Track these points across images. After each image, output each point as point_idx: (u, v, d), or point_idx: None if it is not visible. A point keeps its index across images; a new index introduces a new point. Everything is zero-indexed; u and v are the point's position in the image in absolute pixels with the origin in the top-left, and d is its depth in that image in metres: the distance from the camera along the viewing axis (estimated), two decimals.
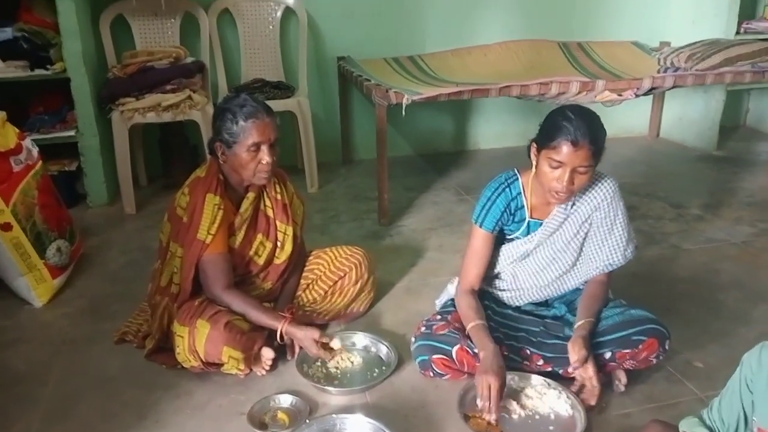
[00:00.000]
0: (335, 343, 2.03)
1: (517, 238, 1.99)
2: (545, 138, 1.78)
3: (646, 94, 3.42)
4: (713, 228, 3.15)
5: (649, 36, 4.45)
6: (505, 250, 2.02)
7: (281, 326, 1.99)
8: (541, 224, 1.95)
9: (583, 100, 3.31)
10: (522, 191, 1.94)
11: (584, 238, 1.95)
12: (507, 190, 1.94)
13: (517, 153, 1.82)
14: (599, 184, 1.91)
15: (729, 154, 4.36)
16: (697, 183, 3.87)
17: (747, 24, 4.26)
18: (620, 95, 3.31)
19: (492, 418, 1.70)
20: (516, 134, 4.47)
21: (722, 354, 2.10)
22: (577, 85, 3.21)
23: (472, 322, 1.87)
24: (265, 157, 1.97)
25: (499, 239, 2.02)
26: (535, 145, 1.84)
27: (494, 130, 4.52)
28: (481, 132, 4.53)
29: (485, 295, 2.06)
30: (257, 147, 1.96)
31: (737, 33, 4.16)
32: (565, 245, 1.95)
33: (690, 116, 4.50)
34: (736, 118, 5.03)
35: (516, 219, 1.96)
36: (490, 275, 2.06)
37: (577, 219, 1.92)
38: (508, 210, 1.94)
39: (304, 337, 1.98)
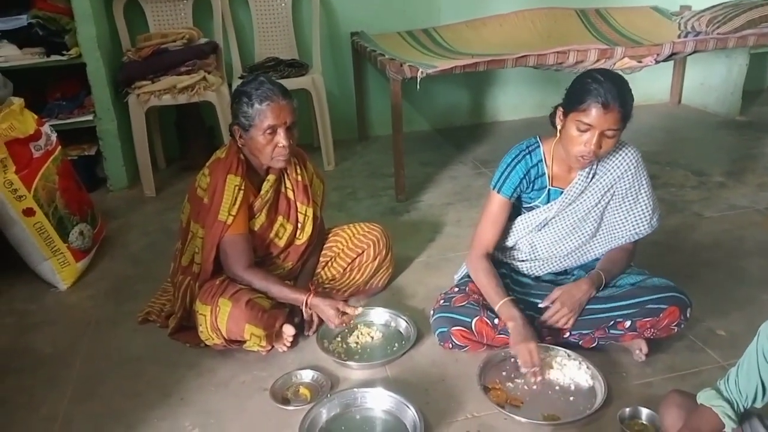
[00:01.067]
0: (359, 311, 2.05)
1: (537, 206, 1.97)
2: (574, 101, 1.75)
3: (666, 60, 3.34)
4: (736, 195, 3.10)
5: (668, 0, 4.34)
6: (524, 219, 2.00)
7: (306, 298, 2.01)
8: (561, 193, 1.93)
9: (602, 67, 3.25)
10: (543, 159, 1.92)
11: (605, 208, 1.93)
12: (528, 156, 1.92)
13: (535, 124, 1.81)
14: (621, 154, 1.88)
15: (753, 119, 4.27)
16: (719, 149, 3.80)
17: None
18: (640, 62, 3.25)
19: (539, 379, 1.79)
20: (534, 105, 4.41)
21: (745, 321, 2.07)
22: (596, 52, 3.16)
23: (500, 300, 1.86)
24: (281, 140, 1.96)
25: (515, 210, 2.00)
26: (561, 109, 1.82)
27: (512, 102, 4.46)
28: (499, 104, 4.48)
29: (503, 265, 2.05)
30: (273, 130, 1.95)
31: None
32: (586, 214, 1.93)
33: (712, 81, 4.40)
34: (761, 82, 4.91)
35: (536, 187, 1.94)
36: (507, 247, 2.05)
37: (599, 188, 1.90)
38: (527, 177, 1.92)
39: (328, 307, 2.00)
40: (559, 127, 1.83)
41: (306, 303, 2.02)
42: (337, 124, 3.87)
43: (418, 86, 2.90)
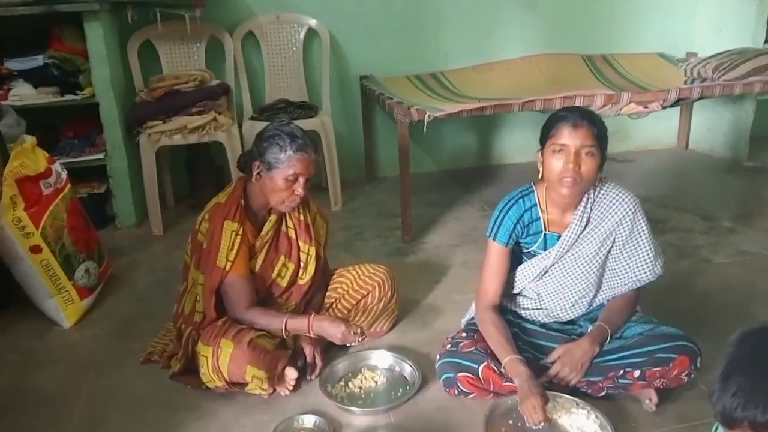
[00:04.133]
0: (362, 329, 2.03)
1: (535, 252, 1.96)
2: (546, 133, 1.84)
3: (672, 105, 3.37)
4: (746, 240, 3.07)
5: (675, 47, 4.40)
6: (524, 268, 1.98)
7: (309, 319, 2.01)
8: (558, 237, 1.91)
9: (609, 112, 3.27)
10: (537, 203, 1.92)
11: (607, 254, 1.91)
12: (520, 201, 1.93)
13: None
14: (619, 200, 1.87)
15: (760, 164, 4.26)
16: (727, 194, 3.79)
17: None
18: (646, 107, 3.27)
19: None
20: None
21: None
22: (602, 97, 3.18)
23: (508, 357, 1.83)
24: (299, 189, 2.01)
25: (517, 258, 1.98)
26: (540, 149, 1.87)
27: (519, 144, 4.48)
28: (506, 146, 4.51)
29: (510, 312, 2.03)
30: (295, 178, 2.00)
31: (766, 41, 4.09)
32: (587, 261, 1.91)
33: (719, 126, 4.42)
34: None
35: (531, 231, 1.93)
36: (513, 294, 2.03)
37: (597, 235, 1.88)
38: (521, 222, 1.92)
39: (331, 326, 2.00)
40: (541, 169, 1.86)
41: (310, 326, 2.00)
42: (346, 164, 3.90)
43: (425, 129, 2.93)
